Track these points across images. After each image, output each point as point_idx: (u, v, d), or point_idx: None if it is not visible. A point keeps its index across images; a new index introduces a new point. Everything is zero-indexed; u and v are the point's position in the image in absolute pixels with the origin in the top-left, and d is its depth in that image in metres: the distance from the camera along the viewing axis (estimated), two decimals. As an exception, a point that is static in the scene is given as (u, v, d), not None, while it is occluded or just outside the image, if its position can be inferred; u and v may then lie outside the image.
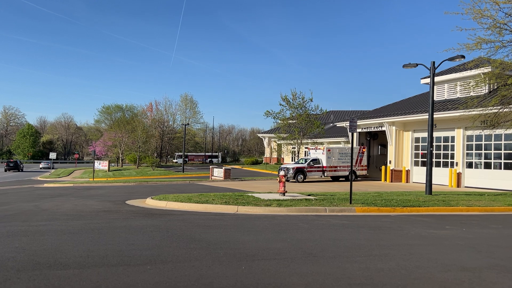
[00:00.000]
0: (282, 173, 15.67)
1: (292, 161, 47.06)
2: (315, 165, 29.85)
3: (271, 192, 17.17)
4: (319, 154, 30.74)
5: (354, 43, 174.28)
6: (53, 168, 59.99)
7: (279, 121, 39.18)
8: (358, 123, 30.75)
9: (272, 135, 53.94)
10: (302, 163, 30.26)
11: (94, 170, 39.61)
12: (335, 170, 30.42)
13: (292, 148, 41.16)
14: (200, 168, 60.99)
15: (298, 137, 37.02)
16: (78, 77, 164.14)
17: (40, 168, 65.85)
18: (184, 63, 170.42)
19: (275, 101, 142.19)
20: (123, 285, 4.71)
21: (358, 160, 31.16)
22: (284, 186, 14.96)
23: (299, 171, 29.30)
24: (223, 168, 33.56)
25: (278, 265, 5.73)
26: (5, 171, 56.53)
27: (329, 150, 30.38)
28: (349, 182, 14.42)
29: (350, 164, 30.31)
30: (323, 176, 30.25)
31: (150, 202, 14.30)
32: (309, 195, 15.73)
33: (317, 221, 10.24)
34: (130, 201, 15.04)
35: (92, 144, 67.26)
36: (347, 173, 30.41)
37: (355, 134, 31.37)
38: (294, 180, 28.58)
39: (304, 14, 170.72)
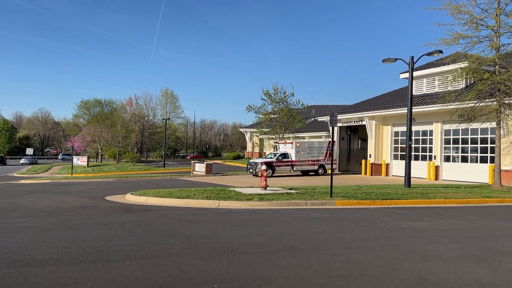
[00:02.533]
0: (263, 167, 15.69)
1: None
2: (284, 160, 29.41)
3: (253, 187, 17.19)
4: (288, 148, 30.33)
5: (334, 38, 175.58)
6: (36, 164, 60.32)
7: (261, 116, 39.17)
8: (339, 118, 31.02)
9: (254, 129, 53.98)
10: (271, 158, 29.92)
11: (72, 166, 38.91)
12: (304, 165, 30.07)
13: (274, 142, 41.22)
14: (182, 163, 60.59)
15: (280, 132, 37.10)
16: (55, 71, 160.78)
17: (21, 164, 65.77)
18: (165, 58, 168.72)
19: (257, 96, 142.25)
20: (102, 281, 4.65)
21: (327, 154, 30.90)
22: (266, 181, 14.99)
23: (267, 165, 28.48)
24: (205, 163, 33.43)
25: (259, 258, 5.74)
26: None
27: (298, 145, 30.06)
28: (326, 176, 14.56)
29: (319, 158, 30.64)
30: (292, 171, 29.82)
31: (130, 198, 14.13)
32: (290, 189, 15.81)
33: (298, 215, 10.30)
34: (109, 197, 14.83)
35: (71, 140, 66.03)
36: (316, 167, 30.30)
37: (335, 128, 31.63)
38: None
39: (284, 7, 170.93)
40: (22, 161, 68.55)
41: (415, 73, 25.82)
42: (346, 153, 35.40)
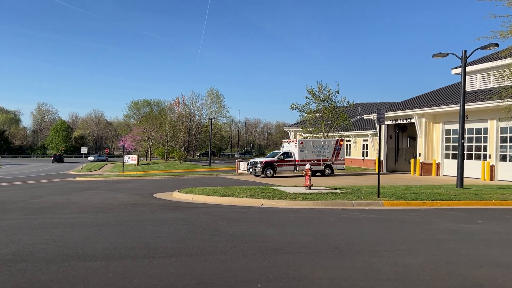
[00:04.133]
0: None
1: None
2: (286, 159, 27.88)
3: (297, 186, 17.06)
4: (292, 147, 28.76)
5: (380, 33, 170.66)
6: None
7: (305, 114, 38.79)
8: (386, 115, 30.12)
9: (298, 128, 53.52)
10: (272, 157, 28.64)
11: (123, 164, 40.47)
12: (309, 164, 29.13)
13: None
14: (227, 162, 61.38)
15: (325, 130, 36.57)
16: (107, 74, 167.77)
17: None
18: (210, 58, 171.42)
19: (301, 94, 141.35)
20: (148, 277, 4.76)
21: (335, 153, 29.24)
22: (310, 180, 14.82)
23: (268, 165, 27.32)
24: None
25: (303, 259, 5.66)
26: (52, 162, 68.78)
27: (301, 143, 28.61)
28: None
29: (325, 158, 28.89)
30: (295, 171, 28.22)
31: (177, 195, 14.47)
32: (335, 188, 15.55)
33: (344, 215, 10.09)
34: (157, 194, 15.26)
35: (122, 139, 68.81)
36: (322, 167, 28.55)
37: (383, 126, 30.67)
38: (263, 175, 26.73)
39: (328, 2, 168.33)
40: (90, 158, 74.49)
41: (468, 68, 24.53)
42: (394, 152, 34.30)
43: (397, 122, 31.90)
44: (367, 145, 40.30)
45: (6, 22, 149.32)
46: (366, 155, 40.05)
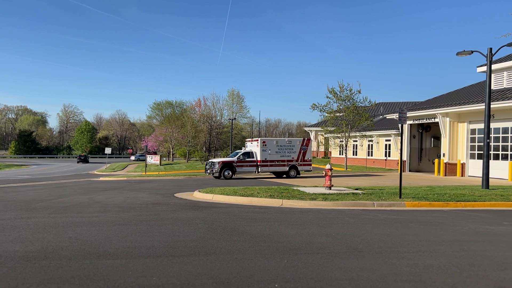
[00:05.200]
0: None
1: (340, 154, 46.26)
2: (247, 159, 26.36)
3: (317, 186, 16.95)
4: (254, 147, 27.26)
5: (405, 34, 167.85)
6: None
7: (326, 114, 38.57)
8: (409, 115, 29.63)
9: (319, 128, 53.27)
10: (231, 157, 27.26)
11: (146, 164, 41.04)
12: (271, 165, 26.80)
13: (340, 141, 40.31)
14: (247, 162, 61.44)
15: (346, 130, 36.25)
16: (131, 75, 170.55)
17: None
18: (231, 59, 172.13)
19: (322, 94, 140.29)
20: (167, 275, 4.81)
21: (301, 154, 27.69)
22: (330, 180, 14.70)
23: (226, 166, 25.85)
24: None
25: (321, 259, 5.62)
26: (77, 162, 71.19)
27: (264, 142, 27.00)
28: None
29: (290, 158, 27.29)
30: (257, 172, 26.83)
31: (198, 195, 14.58)
32: (356, 189, 15.37)
33: (364, 216, 9.96)
34: (178, 194, 15.42)
35: (145, 139, 69.89)
36: (286, 168, 27.08)
37: (405, 125, 30.18)
38: (222, 177, 25.29)
39: (348, 3, 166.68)
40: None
41: (494, 66, 23.91)
42: (418, 152, 33.66)
43: (420, 122, 31.33)
44: (389, 145, 39.69)
45: (33, 26, 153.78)
46: (389, 155, 39.45)
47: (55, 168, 54.71)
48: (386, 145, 40.21)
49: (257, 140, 27.55)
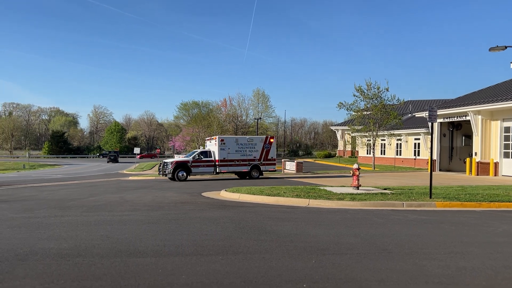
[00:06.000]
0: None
1: (367, 153, 45.61)
2: (204, 159, 24.83)
3: (344, 186, 16.76)
4: (212, 145, 25.83)
5: (433, 29, 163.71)
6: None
7: (353, 113, 38.03)
8: (439, 113, 28.89)
9: (346, 127, 52.67)
10: (187, 157, 25.77)
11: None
12: (231, 165, 25.35)
13: (367, 140, 39.72)
14: (273, 161, 61.41)
15: (374, 129, 35.68)
16: (158, 76, 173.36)
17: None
18: (256, 58, 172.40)
19: (349, 93, 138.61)
20: (196, 274, 4.87)
21: (264, 153, 26.15)
22: (358, 180, 14.52)
23: (180, 166, 24.34)
24: (295, 161, 33.46)
25: (350, 260, 5.56)
26: (107, 162, 73.28)
27: (222, 140, 25.40)
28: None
29: (252, 158, 25.60)
30: (215, 173, 25.38)
31: (224, 194, 14.69)
32: (385, 189, 15.13)
33: (393, 216, 9.79)
34: (205, 193, 15.57)
35: (172, 139, 70.93)
36: (247, 168, 25.59)
37: (435, 124, 29.46)
38: (176, 179, 23.97)
39: None
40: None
41: (530, 61, 22.96)
42: (448, 151, 32.78)
43: (451, 120, 30.53)
44: (419, 144, 38.85)
45: (64, 30, 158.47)
46: (418, 155, 38.61)
47: (86, 167, 56.24)
48: (415, 144, 39.37)
49: (215, 138, 25.98)
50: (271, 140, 27.12)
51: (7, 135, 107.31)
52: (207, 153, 25.49)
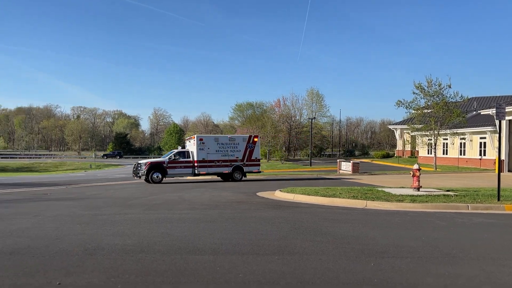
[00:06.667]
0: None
1: (428, 153, 43.66)
2: (181, 160, 23.50)
3: (404, 187, 16.16)
4: (191, 145, 24.44)
5: (498, 17, 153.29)
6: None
7: (413, 111, 36.57)
8: (508, 110, 27.01)
9: (405, 126, 50.76)
10: (163, 158, 24.52)
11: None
12: (211, 166, 23.78)
13: (428, 139, 37.95)
14: (328, 161, 60.58)
15: (435, 128, 34.09)
16: (214, 78, 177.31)
17: None
18: (310, 58, 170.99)
19: (407, 90, 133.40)
20: (252, 273, 4.93)
21: (247, 153, 24.52)
22: (419, 181, 13.94)
23: (154, 167, 23.03)
24: (351, 162, 32.75)
25: (411, 263, 5.36)
26: None
27: (201, 140, 23.90)
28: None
29: (234, 158, 23.88)
30: (194, 174, 24.07)
31: (279, 195, 14.71)
32: (448, 190, 14.40)
33: (457, 219, 9.30)
34: (260, 193, 15.69)
35: (227, 140, 72.12)
36: (229, 169, 23.98)
37: (503, 122, 27.54)
38: (150, 181, 22.86)
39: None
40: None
41: None
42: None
43: (521, 117, 28.42)
44: (484, 143, 36.56)
45: (125, 36, 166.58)
46: (484, 154, 36.33)
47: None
48: (480, 143, 37.10)
49: (194, 137, 24.56)
50: (255, 139, 25.76)
51: (76, 137, 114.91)
52: (185, 154, 24.25)
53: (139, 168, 23.66)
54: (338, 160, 36.38)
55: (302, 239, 6.94)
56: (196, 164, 23.71)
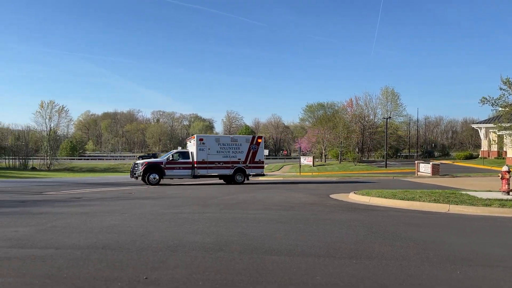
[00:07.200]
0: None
1: None
2: (180, 160, 22.68)
3: (491, 191, 14.98)
4: (191, 146, 23.57)
5: None
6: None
7: (500, 109, 33.73)
8: None
9: (491, 124, 47.05)
10: (162, 158, 23.69)
11: (300, 165, 42.28)
12: (211, 167, 22.89)
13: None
14: (404, 163, 58.00)
15: (526, 126, 31.17)
16: (284, 80, 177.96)
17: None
18: (384, 55, 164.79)
19: (493, 86, 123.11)
20: (329, 275, 4.88)
21: (250, 154, 23.39)
22: (509, 184, 12.85)
23: (151, 168, 22.19)
24: (431, 163, 31.06)
25: (502, 273, 4.96)
26: None
27: (201, 140, 22.98)
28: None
29: (236, 160, 22.53)
30: (193, 176, 23.14)
31: (353, 197, 14.39)
32: (543, 195, 13.10)
33: (556, 227, 8.43)
34: (333, 195, 15.47)
35: (298, 141, 72.08)
36: (230, 171, 22.94)
37: None
38: (147, 182, 22.17)
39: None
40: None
41: None
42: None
43: None
44: None
45: (198, 42, 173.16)
46: None
47: (220, 168, 60.49)
48: None
49: (194, 137, 23.88)
50: (259, 140, 24.85)
51: (156, 139, 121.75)
52: (184, 154, 23.69)
53: (136, 168, 23.24)
54: (416, 162, 34.71)
55: (380, 243, 6.72)
56: (195, 165, 23.19)
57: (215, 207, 11.90)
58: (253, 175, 24.78)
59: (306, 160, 57.86)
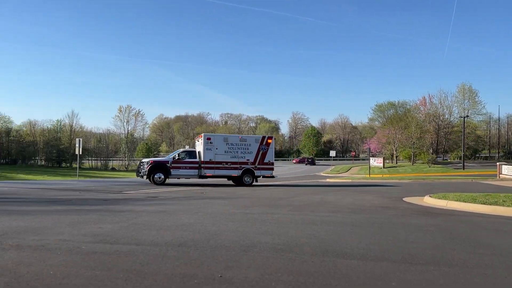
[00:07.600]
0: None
1: None
2: (186, 160, 21.85)
3: None
4: (199, 145, 22.76)
5: None
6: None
7: None
8: None
9: None
10: (168, 157, 22.89)
11: (369, 166, 41.08)
12: (219, 168, 21.93)
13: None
14: (484, 165, 54.04)
15: None
16: (351, 79, 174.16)
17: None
18: (460, 51, 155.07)
19: None
20: (406, 282, 4.70)
21: (259, 155, 22.52)
22: None
23: (157, 167, 21.47)
24: (516, 164, 28.64)
25: None
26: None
27: (208, 139, 22.09)
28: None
29: (244, 161, 21.49)
30: (199, 176, 22.16)
31: (428, 200, 13.71)
32: None
33: None
34: (406, 198, 14.86)
35: (367, 142, 70.05)
36: (238, 172, 22.02)
37: None
38: (151, 181, 21.37)
39: None
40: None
41: None
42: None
43: None
44: None
45: (257, 44, 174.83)
46: None
47: (288, 169, 60.63)
48: None
49: (201, 136, 23.33)
50: (269, 140, 23.94)
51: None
52: (191, 153, 23.13)
53: (141, 167, 23.17)
54: (497, 163, 32.21)
55: (460, 250, 6.35)
56: (202, 165, 22.84)
57: (284, 208, 11.94)
58: (263, 177, 24.43)
59: (376, 162, 56.08)
